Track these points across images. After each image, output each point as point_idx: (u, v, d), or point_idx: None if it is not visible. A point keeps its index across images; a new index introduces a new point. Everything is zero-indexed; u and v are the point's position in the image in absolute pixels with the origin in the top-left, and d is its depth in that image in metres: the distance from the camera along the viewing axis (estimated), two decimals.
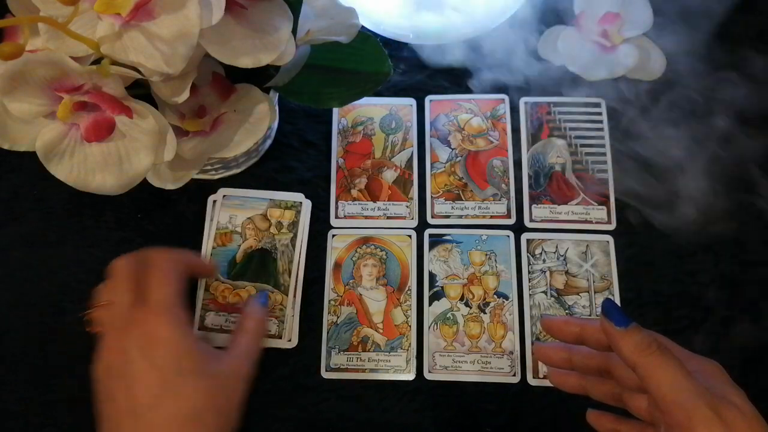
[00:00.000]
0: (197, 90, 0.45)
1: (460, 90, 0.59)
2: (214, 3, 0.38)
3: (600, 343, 0.39)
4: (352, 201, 0.56)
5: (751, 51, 0.59)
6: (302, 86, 0.48)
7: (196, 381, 0.41)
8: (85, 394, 0.50)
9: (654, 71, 0.59)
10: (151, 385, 0.40)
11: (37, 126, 0.40)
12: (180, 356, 0.41)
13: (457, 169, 0.57)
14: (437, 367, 0.51)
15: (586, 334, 0.40)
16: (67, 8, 0.36)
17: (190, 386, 0.41)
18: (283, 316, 0.52)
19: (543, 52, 0.60)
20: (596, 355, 0.41)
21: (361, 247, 0.55)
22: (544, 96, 0.59)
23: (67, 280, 0.54)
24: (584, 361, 0.42)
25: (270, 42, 0.41)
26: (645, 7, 0.60)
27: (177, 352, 0.42)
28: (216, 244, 0.54)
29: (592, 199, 0.56)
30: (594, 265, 0.54)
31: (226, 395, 0.43)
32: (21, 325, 0.52)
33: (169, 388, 0.40)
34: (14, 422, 0.50)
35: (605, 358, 0.41)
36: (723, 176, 0.55)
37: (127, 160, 0.41)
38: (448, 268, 0.54)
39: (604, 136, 0.58)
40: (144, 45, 0.37)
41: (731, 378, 0.37)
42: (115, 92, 0.40)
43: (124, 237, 0.55)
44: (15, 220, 0.55)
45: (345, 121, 0.59)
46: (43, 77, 0.38)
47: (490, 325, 0.52)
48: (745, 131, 0.57)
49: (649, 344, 0.35)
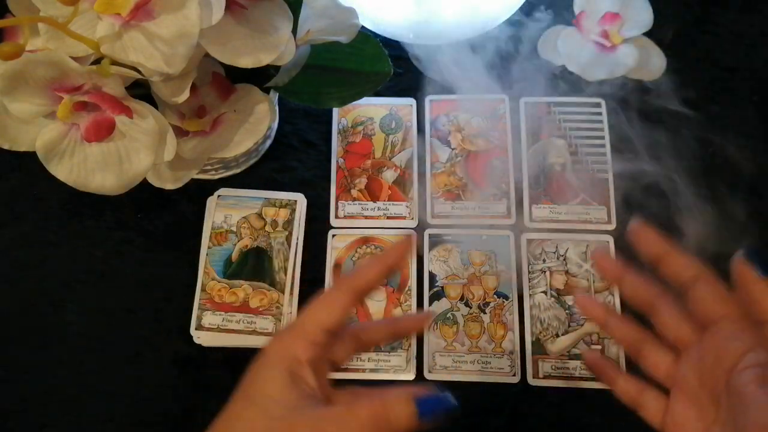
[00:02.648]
0: (197, 90, 0.45)
1: (460, 90, 0.59)
2: (214, 3, 0.38)
3: (678, 276, 0.36)
4: (352, 201, 0.56)
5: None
6: (302, 86, 0.48)
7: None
8: (85, 394, 0.51)
9: (654, 71, 0.59)
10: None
11: (37, 126, 0.40)
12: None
13: (457, 169, 0.57)
14: (437, 367, 0.51)
15: (670, 259, 0.36)
16: (67, 8, 0.36)
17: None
18: (281, 314, 0.52)
19: (543, 52, 0.60)
20: (653, 288, 0.38)
21: (361, 247, 0.55)
22: (544, 96, 0.59)
23: (67, 280, 0.54)
24: (636, 287, 0.38)
25: (270, 42, 0.42)
26: (645, 7, 0.60)
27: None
28: (212, 244, 0.54)
29: (592, 199, 0.56)
30: (594, 265, 0.54)
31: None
32: (21, 325, 0.52)
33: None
34: (14, 422, 0.50)
35: (660, 296, 0.37)
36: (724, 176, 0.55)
37: (127, 160, 0.41)
38: (448, 268, 0.54)
39: (604, 136, 0.58)
40: (144, 45, 0.37)
41: None
42: (115, 92, 0.40)
43: (124, 237, 0.55)
44: (15, 220, 0.55)
45: (345, 121, 0.59)
46: (43, 77, 0.38)
47: (490, 325, 0.52)
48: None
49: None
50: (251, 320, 0.52)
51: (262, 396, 0.33)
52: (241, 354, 0.51)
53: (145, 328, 0.52)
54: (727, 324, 0.34)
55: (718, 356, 0.34)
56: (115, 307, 0.53)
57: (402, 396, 0.32)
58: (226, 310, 0.52)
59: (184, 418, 0.50)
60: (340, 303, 0.35)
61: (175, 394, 0.51)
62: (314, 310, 0.36)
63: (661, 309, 0.37)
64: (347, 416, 0.32)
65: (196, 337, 0.52)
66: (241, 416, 0.33)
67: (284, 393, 0.33)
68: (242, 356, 0.51)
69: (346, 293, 0.36)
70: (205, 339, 0.52)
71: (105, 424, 0.50)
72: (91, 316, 0.52)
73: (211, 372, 0.51)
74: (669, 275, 0.37)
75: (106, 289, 0.53)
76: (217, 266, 0.53)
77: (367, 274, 0.37)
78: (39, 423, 0.50)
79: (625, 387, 0.38)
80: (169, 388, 0.51)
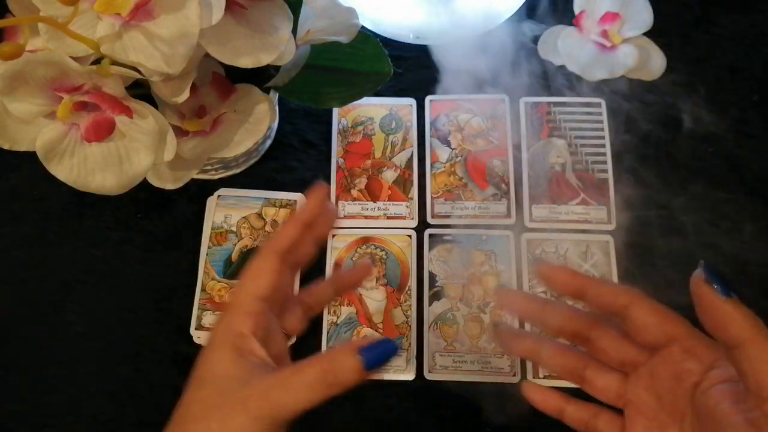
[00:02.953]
0: (197, 90, 0.45)
1: (460, 90, 0.59)
2: (214, 3, 0.38)
3: (607, 306, 0.35)
4: (352, 201, 0.56)
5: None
6: (302, 86, 0.48)
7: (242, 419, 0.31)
8: (85, 393, 0.51)
9: (654, 71, 0.59)
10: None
11: (37, 126, 0.40)
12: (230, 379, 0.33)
13: (457, 169, 0.57)
14: (437, 367, 0.51)
15: (594, 291, 0.35)
16: (67, 8, 0.36)
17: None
18: None
19: (543, 52, 0.60)
20: (582, 317, 0.37)
21: (361, 247, 0.55)
22: (544, 96, 0.59)
23: (67, 280, 0.54)
24: (561, 320, 0.37)
25: (270, 42, 0.42)
26: (645, 7, 0.60)
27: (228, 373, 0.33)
28: (212, 244, 0.54)
29: (592, 199, 0.56)
30: (594, 265, 0.54)
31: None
32: (21, 325, 0.52)
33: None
34: (14, 422, 0.50)
35: (591, 324, 0.36)
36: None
37: (127, 160, 0.41)
38: (448, 268, 0.54)
39: (604, 136, 0.58)
40: (144, 45, 0.37)
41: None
42: (115, 92, 0.40)
43: (124, 237, 0.55)
44: (15, 220, 0.55)
45: (345, 121, 0.59)
46: (43, 77, 0.38)
47: (490, 325, 0.52)
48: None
49: (758, 322, 0.30)
50: None
51: (213, 375, 0.33)
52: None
53: (145, 328, 0.52)
54: (677, 343, 0.34)
55: (676, 375, 0.33)
56: (115, 307, 0.53)
57: (346, 349, 0.32)
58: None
59: None
60: (267, 268, 0.35)
61: (175, 394, 0.50)
62: (244, 282, 0.36)
63: (598, 336, 0.36)
64: (294, 377, 0.31)
65: (196, 337, 0.52)
66: (195, 398, 0.33)
67: (233, 369, 0.32)
68: None
69: (269, 257, 0.36)
70: (205, 339, 0.51)
71: (105, 424, 0.50)
72: (91, 316, 0.52)
73: None
74: (599, 306, 0.35)
75: (106, 289, 0.53)
76: (217, 266, 0.54)
77: (286, 233, 0.37)
78: (39, 423, 0.50)
79: (576, 415, 0.37)
80: (169, 388, 0.50)
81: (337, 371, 0.31)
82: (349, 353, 0.32)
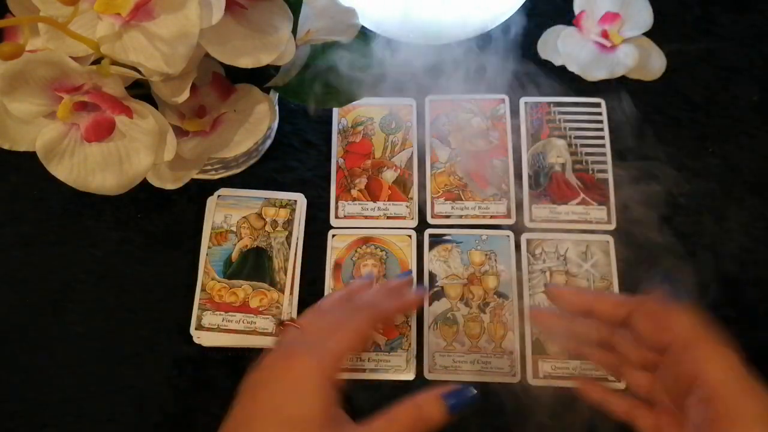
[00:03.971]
0: (197, 90, 0.45)
1: (460, 90, 0.59)
2: (214, 3, 0.38)
3: (612, 318, 0.38)
4: (352, 201, 0.56)
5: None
6: (302, 86, 0.48)
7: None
8: (85, 393, 0.51)
9: (654, 71, 0.59)
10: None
11: (37, 126, 0.40)
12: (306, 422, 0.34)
13: (457, 169, 0.57)
14: (437, 367, 0.51)
15: (598, 307, 0.39)
16: (67, 8, 0.36)
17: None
18: (280, 314, 0.52)
19: (543, 52, 0.60)
20: (601, 329, 0.40)
21: (361, 247, 0.55)
22: (544, 96, 0.59)
23: (67, 280, 0.54)
24: (586, 332, 0.41)
25: (270, 42, 0.42)
26: (645, 7, 0.60)
27: (306, 416, 0.34)
28: (212, 244, 0.54)
29: (592, 199, 0.56)
30: (594, 265, 0.54)
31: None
32: (21, 325, 0.52)
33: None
34: (14, 422, 0.50)
35: (610, 333, 0.39)
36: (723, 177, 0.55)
37: (127, 160, 0.41)
38: (448, 268, 0.54)
39: (604, 136, 0.58)
40: (144, 45, 0.37)
41: None
42: (115, 92, 0.40)
43: (124, 237, 0.55)
44: (15, 220, 0.55)
45: (345, 121, 0.59)
46: (43, 77, 0.38)
47: (490, 325, 0.52)
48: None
49: (705, 327, 0.33)
50: (251, 320, 0.52)
51: (290, 413, 0.34)
52: (241, 354, 0.51)
53: (145, 328, 0.52)
54: (671, 347, 0.36)
55: (676, 377, 0.35)
56: (115, 307, 0.53)
57: (431, 396, 0.36)
58: (226, 310, 0.52)
59: (184, 418, 0.50)
60: (366, 332, 0.39)
61: (175, 394, 0.51)
62: (345, 335, 0.38)
63: (618, 342, 0.39)
64: (390, 426, 0.35)
65: (196, 337, 0.52)
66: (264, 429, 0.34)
67: (320, 415, 0.34)
68: (242, 356, 0.52)
69: (368, 323, 0.39)
70: (205, 339, 0.52)
71: (105, 424, 0.50)
72: (91, 316, 0.52)
73: (211, 372, 0.51)
74: (606, 320, 0.39)
75: (106, 289, 0.53)
76: (217, 266, 0.54)
77: (390, 308, 0.43)
78: (39, 423, 0.50)
79: (619, 404, 0.40)
80: (169, 388, 0.51)
81: (426, 419, 0.35)
82: (434, 399, 0.36)
